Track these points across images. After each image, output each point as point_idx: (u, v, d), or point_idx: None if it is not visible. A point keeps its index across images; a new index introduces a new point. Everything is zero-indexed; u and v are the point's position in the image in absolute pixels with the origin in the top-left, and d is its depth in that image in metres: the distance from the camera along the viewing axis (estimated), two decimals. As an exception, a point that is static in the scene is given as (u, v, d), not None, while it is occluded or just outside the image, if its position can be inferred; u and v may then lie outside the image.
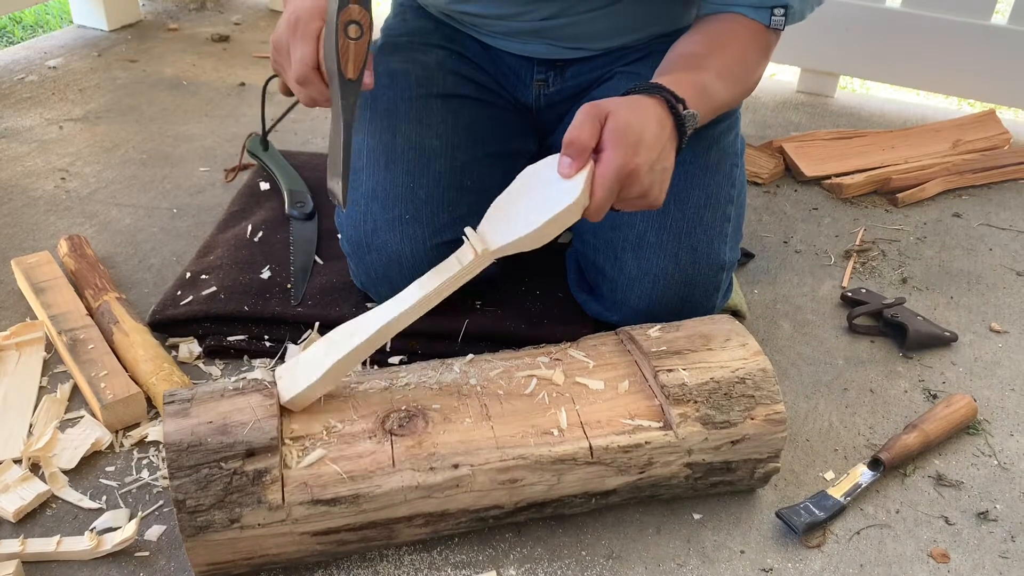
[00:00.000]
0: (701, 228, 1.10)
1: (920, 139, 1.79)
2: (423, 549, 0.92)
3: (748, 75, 1.08)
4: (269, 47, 1.00)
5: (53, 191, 1.51)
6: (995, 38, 1.87)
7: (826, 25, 1.97)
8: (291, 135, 1.73)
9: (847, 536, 0.96)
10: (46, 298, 1.17)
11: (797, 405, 1.14)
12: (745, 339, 0.98)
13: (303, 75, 0.94)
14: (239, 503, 0.80)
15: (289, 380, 0.88)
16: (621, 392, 0.93)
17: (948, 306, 1.36)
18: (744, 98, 1.13)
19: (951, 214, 1.61)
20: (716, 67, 1.02)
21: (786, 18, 1.05)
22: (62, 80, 1.92)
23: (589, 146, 0.86)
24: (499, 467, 0.86)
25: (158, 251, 1.36)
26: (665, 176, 0.92)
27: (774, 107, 2.02)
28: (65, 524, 0.92)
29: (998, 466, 1.07)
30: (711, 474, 0.94)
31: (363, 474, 0.83)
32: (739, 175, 1.17)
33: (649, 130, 0.88)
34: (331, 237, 1.31)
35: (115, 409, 1.02)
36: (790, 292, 1.37)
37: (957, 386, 1.19)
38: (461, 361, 0.98)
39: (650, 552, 0.93)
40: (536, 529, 0.95)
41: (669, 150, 0.92)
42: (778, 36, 1.09)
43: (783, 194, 1.65)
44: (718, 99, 1.01)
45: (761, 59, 1.09)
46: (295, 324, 1.17)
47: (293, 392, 0.87)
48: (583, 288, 1.21)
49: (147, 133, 1.72)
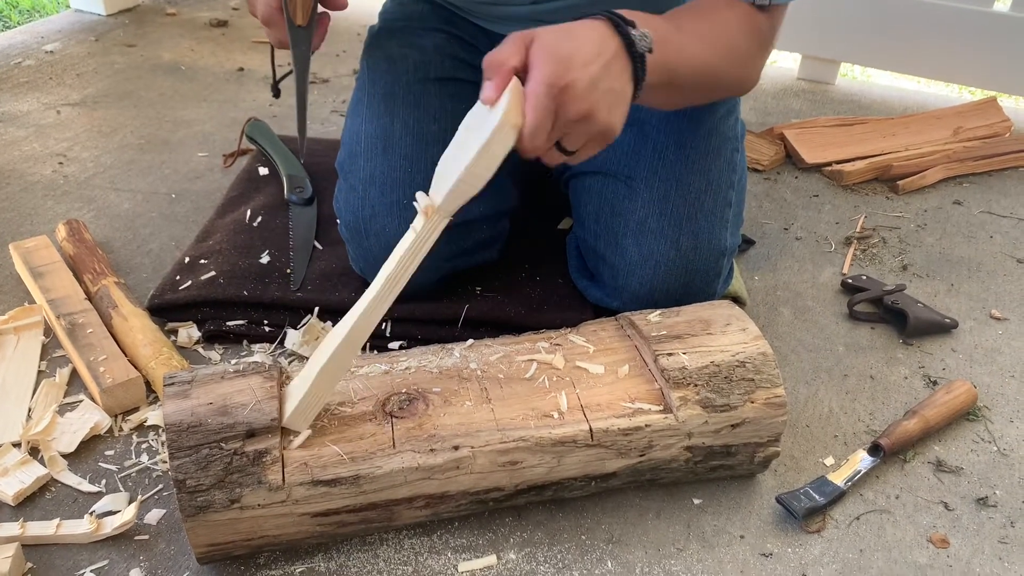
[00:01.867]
0: (702, 214, 1.10)
1: (921, 126, 1.78)
2: (423, 533, 0.92)
3: (733, 48, 0.97)
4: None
5: (51, 176, 1.50)
6: (996, 25, 1.86)
7: (827, 12, 1.97)
8: (289, 120, 1.73)
9: (847, 521, 0.96)
10: (44, 282, 1.17)
11: (797, 391, 1.14)
12: (745, 324, 0.97)
13: (267, 15, 0.97)
14: (239, 483, 0.79)
15: (289, 402, 0.84)
16: (621, 376, 0.93)
17: (948, 293, 1.35)
18: (738, 78, 1.02)
19: (952, 201, 1.61)
20: (689, 27, 0.93)
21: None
22: (59, 65, 1.91)
23: (507, 63, 0.78)
24: (499, 449, 0.86)
25: (157, 236, 1.36)
26: (616, 99, 0.81)
27: (775, 94, 2.01)
28: (64, 507, 0.92)
29: (998, 452, 1.07)
30: (711, 458, 0.94)
31: (363, 455, 0.83)
32: (740, 160, 1.17)
33: (585, 46, 0.80)
34: (330, 222, 1.30)
35: (114, 393, 1.02)
36: (790, 279, 1.37)
37: (957, 372, 1.19)
38: (461, 346, 0.98)
39: (650, 536, 0.93)
40: (536, 513, 0.95)
41: (618, 71, 0.82)
42: (772, 20, 0.99)
43: (784, 181, 1.65)
44: (689, 52, 0.92)
45: (751, 40, 0.99)
46: (294, 309, 1.16)
47: (290, 409, 0.83)
48: (584, 274, 1.21)
49: (145, 118, 1.72)
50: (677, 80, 0.91)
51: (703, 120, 1.12)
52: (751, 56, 1.01)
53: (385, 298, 0.84)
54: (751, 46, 1.00)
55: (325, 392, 0.84)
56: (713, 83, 0.99)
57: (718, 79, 0.99)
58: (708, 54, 0.94)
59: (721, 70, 0.98)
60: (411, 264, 0.84)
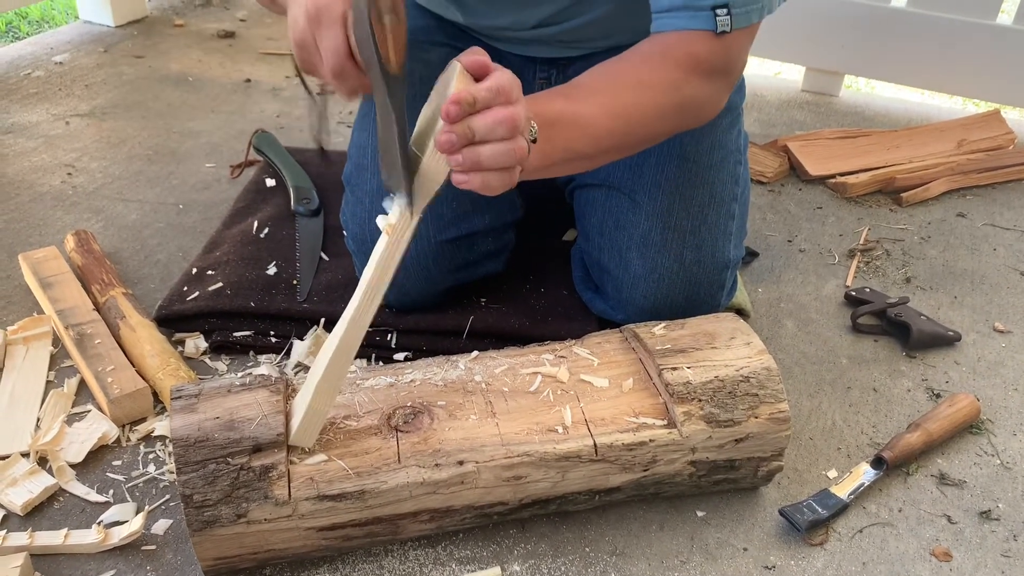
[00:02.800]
0: (705, 227, 1.10)
1: (924, 139, 1.79)
2: (428, 545, 0.92)
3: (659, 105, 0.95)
4: (291, 47, 0.91)
5: (60, 186, 1.51)
6: (1000, 38, 1.87)
7: (831, 24, 1.97)
8: (297, 132, 1.74)
9: (850, 534, 0.97)
10: (53, 293, 1.18)
11: (801, 403, 1.15)
12: (749, 337, 0.98)
13: (338, 67, 0.85)
14: (246, 498, 0.80)
15: (294, 419, 0.85)
16: (625, 390, 0.94)
17: (952, 306, 1.36)
18: (681, 122, 1.00)
19: (955, 214, 1.61)
20: (598, 97, 0.93)
21: (731, 17, 0.93)
22: (68, 76, 1.93)
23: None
24: (504, 464, 0.86)
25: (164, 247, 1.37)
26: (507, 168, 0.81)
27: (779, 106, 2.02)
28: (72, 517, 0.93)
29: (1001, 465, 1.07)
30: (715, 472, 0.94)
31: (369, 470, 0.84)
32: (743, 172, 1.18)
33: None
34: (337, 234, 1.31)
35: (122, 403, 1.03)
36: (794, 291, 1.37)
37: (960, 385, 1.19)
38: (466, 358, 0.98)
39: (653, 549, 0.94)
40: (540, 525, 0.95)
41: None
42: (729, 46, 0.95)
43: (787, 193, 1.65)
44: (592, 128, 0.92)
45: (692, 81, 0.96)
46: (301, 320, 1.17)
47: (294, 427, 0.84)
48: (588, 286, 1.22)
49: (153, 129, 1.73)
50: (585, 153, 0.92)
51: (706, 133, 1.13)
52: (690, 99, 0.97)
53: (369, 305, 0.84)
54: (691, 88, 0.96)
55: (326, 405, 0.85)
56: (638, 140, 0.98)
57: (644, 136, 0.98)
58: (619, 125, 0.93)
59: (643, 131, 0.97)
60: (392, 262, 0.83)
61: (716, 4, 0.93)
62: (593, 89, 0.94)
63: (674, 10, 0.95)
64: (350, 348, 0.84)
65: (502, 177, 0.79)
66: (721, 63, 0.97)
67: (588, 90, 0.94)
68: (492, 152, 0.77)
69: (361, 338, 0.85)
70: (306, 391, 0.85)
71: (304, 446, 0.85)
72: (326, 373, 0.83)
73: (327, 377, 0.84)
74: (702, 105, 1.00)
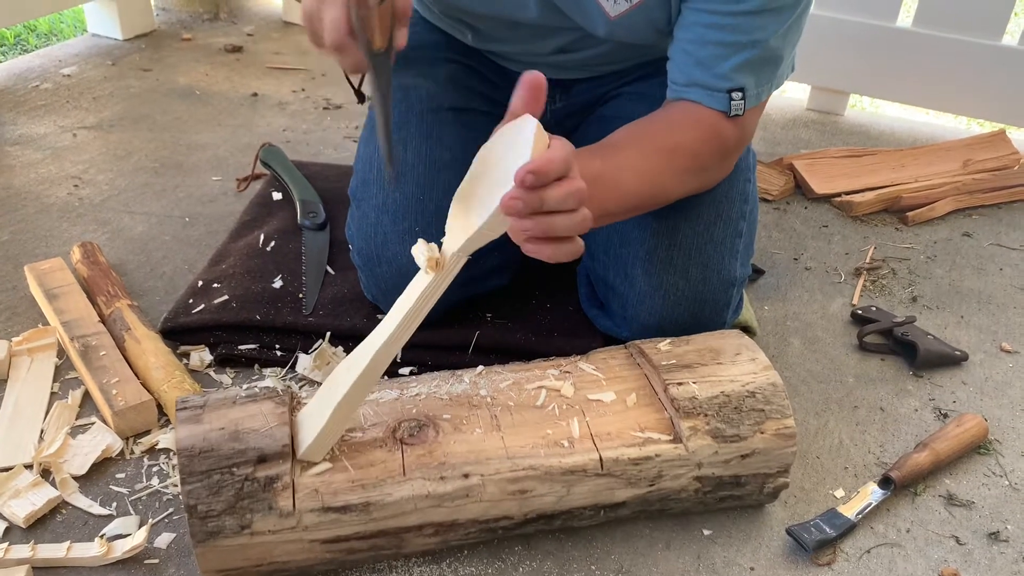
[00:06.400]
0: (712, 244, 1.10)
1: (930, 158, 1.79)
2: (432, 561, 0.92)
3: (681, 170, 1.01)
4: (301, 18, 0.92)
5: (66, 198, 1.52)
6: (1006, 58, 1.87)
7: (837, 44, 1.98)
8: (303, 145, 1.74)
9: (857, 554, 0.96)
10: (58, 304, 1.18)
11: (807, 422, 1.14)
12: (755, 353, 0.98)
13: (338, 41, 0.87)
14: (250, 509, 0.80)
15: (303, 432, 0.85)
16: (631, 405, 0.93)
17: (958, 325, 1.35)
18: (693, 188, 1.06)
19: (961, 233, 1.61)
20: (630, 160, 0.97)
21: (745, 101, 0.99)
22: (76, 88, 1.94)
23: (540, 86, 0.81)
24: (509, 477, 0.86)
25: (170, 259, 1.37)
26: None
27: (784, 124, 2.02)
28: (75, 530, 0.92)
29: (1009, 486, 1.06)
30: (721, 488, 0.94)
31: (374, 482, 0.83)
32: (751, 191, 1.18)
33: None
34: (343, 248, 1.31)
35: (126, 416, 1.02)
36: (800, 309, 1.37)
37: (968, 405, 1.19)
38: (471, 372, 0.98)
39: (660, 567, 0.93)
40: (546, 543, 0.95)
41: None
42: (741, 127, 1.02)
43: (793, 211, 1.65)
44: (624, 188, 0.96)
45: (709, 153, 1.02)
46: (306, 334, 1.17)
47: (307, 442, 0.83)
48: (594, 303, 1.21)
49: (160, 142, 1.73)
50: (612, 212, 0.95)
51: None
52: (706, 168, 1.04)
53: (402, 335, 0.84)
54: (709, 160, 1.03)
55: (342, 426, 0.85)
56: (657, 202, 1.03)
57: (663, 198, 1.03)
58: (646, 187, 0.98)
59: (663, 194, 1.02)
60: (428, 303, 0.84)
61: (733, 87, 0.98)
62: (627, 152, 0.98)
63: (691, 86, 1.00)
64: (375, 374, 0.84)
65: (570, 248, 0.80)
66: (734, 141, 1.03)
67: (622, 152, 0.97)
68: (565, 224, 0.78)
69: (387, 365, 0.85)
70: (320, 408, 0.84)
71: (314, 460, 0.84)
72: (347, 396, 0.83)
73: (348, 399, 0.83)
74: (714, 174, 1.07)
